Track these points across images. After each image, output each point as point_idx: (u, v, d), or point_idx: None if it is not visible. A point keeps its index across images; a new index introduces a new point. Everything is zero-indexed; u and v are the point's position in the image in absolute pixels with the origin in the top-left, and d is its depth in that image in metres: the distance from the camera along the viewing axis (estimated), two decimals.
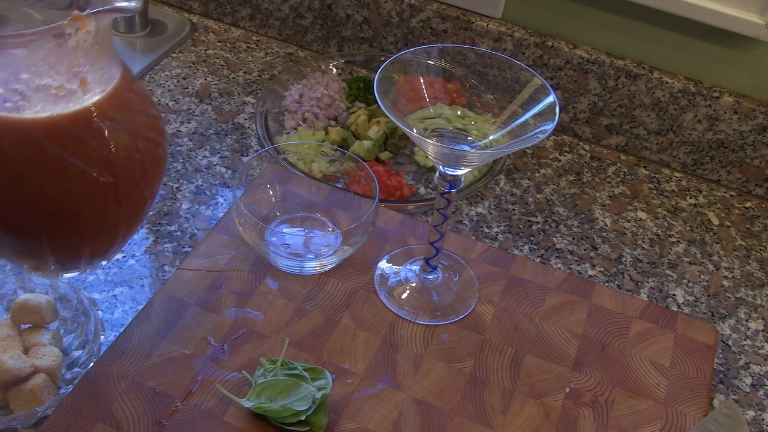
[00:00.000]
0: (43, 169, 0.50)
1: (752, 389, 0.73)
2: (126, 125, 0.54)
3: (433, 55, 0.66)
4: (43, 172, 0.50)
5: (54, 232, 0.53)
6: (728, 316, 0.80)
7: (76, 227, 0.54)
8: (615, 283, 0.81)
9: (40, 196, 0.50)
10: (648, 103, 0.94)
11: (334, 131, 0.92)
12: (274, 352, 0.67)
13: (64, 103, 0.50)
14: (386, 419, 0.63)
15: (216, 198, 0.84)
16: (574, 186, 0.93)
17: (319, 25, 1.06)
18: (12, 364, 0.60)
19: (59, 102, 0.50)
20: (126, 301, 0.72)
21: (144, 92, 0.58)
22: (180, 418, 0.61)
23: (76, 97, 0.50)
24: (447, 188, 0.66)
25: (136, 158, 0.54)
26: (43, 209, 0.51)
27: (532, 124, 0.63)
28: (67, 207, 0.52)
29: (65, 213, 0.52)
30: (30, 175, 0.50)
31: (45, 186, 0.50)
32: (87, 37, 0.49)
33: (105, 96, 0.52)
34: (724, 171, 0.96)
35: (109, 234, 0.56)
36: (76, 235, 0.54)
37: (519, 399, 0.66)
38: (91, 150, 0.51)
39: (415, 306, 0.73)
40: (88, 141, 0.51)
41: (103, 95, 0.51)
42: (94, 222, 0.54)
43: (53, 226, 0.52)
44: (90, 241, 0.55)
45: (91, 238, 0.55)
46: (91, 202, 0.53)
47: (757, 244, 0.89)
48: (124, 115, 0.53)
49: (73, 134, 0.50)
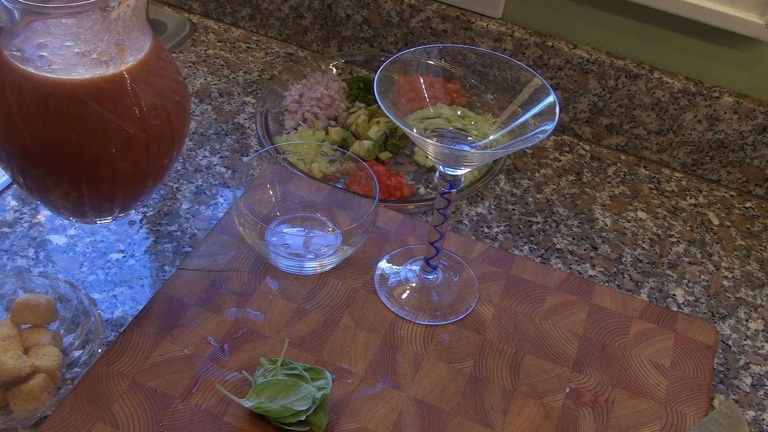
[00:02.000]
0: (84, 124, 0.57)
1: (752, 389, 0.73)
2: (155, 88, 0.60)
3: (433, 55, 0.66)
4: (84, 126, 0.57)
5: (92, 179, 0.60)
6: (728, 316, 0.80)
7: (111, 176, 0.61)
8: (615, 283, 0.81)
9: (82, 147, 0.58)
10: (648, 103, 0.94)
11: (334, 131, 0.92)
12: (274, 352, 0.67)
13: (105, 67, 0.57)
14: (386, 419, 0.63)
15: (216, 198, 0.84)
16: (574, 186, 0.93)
17: (319, 25, 1.06)
18: (12, 364, 0.60)
19: (100, 66, 0.56)
20: (126, 301, 0.72)
21: (171, 60, 0.64)
22: (180, 418, 0.62)
23: (115, 62, 0.57)
24: (447, 188, 0.66)
25: (164, 117, 0.61)
26: (84, 159, 0.58)
27: (532, 124, 0.63)
28: (104, 158, 0.59)
29: (102, 163, 0.59)
30: (74, 129, 0.57)
31: (86, 139, 0.57)
32: (127, 10, 0.56)
33: (138, 61, 0.58)
34: (724, 171, 0.96)
35: (139, 184, 0.64)
36: (111, 184, 0.61)
37: (519, 399, 0.66)
38: (126, 108, 0.58)
39: (415, 306, 0.73)
40: (124, 100, 0.58)
41: (137, 60, 0.58)
42: (126, 172, 0.61)
43: (92, 175, 0.60)
44: (122, 190, 0.63)
45: (124, 187, 0.62)
46: (124, 154, 0.59)
47: (757, 244, 0.89)
48: (154, 79, 0.60)
49: (111, 94, 0.57)
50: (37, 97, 0.56)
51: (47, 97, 0.56)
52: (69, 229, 0.78)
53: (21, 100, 0.57)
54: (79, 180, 0.60)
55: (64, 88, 0.56)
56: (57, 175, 0.60)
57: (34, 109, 0.57)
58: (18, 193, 0.80)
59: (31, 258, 0.74)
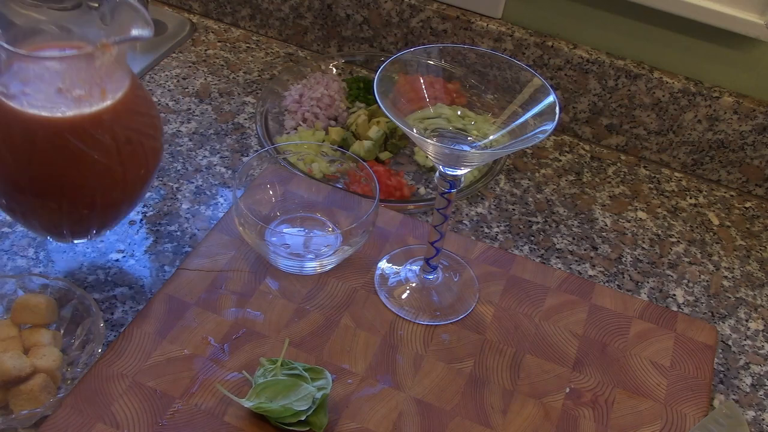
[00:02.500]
0: (66, 158, 0.62)
1: (752, 389, 0.73)
2: (132, 123, 0.65)
3: (433, 55, 0.66)
4: (66, 159, 0.62)
5: (72, 205, 0.65)
6: (728, 316, 0.80)
7: (90, 203, 0.66)
8: (615, 283, 0.81)
9: (64, 178, 0.63)
10: (648, 103, 0.94)
11: (334, 131, 0.92)
12: (274, 352, 0.67)
13: (87, 106, 0.62)
14: (386, 419, 0.63)
15: (216, 198, 0.84)
16: (574, 186, 0.93)
17: (319, 25, 1.06)
18: (12, 364, 0.60)
19: (82, 105, 0.61)
20: (126, 301, 0.72)
21: (147, 95, 0.69)
22: (180, 418, 0.62)
23: (96, 102, 0.62)
24: (447, 188, 0.66)
25: (139, 150, 0.66)
26: (65, 188, 0.63)
27: (532, 124, 0.63)
28: (83, 187, 0.64)
29: (81, 191, 0.64)
30: (57, 162, 0.62)
31: (67, 170, 0.62)
32: (110, 58, 0.61)
33: (117, 100, 0.63)
34: (724, 171, 0.96)
35: (115, 209, 0.69)
36: (89, 210, 0.66)
37: (519, 399, 0.66)
38: (105, 143, 0.63)
39: (415, 306, 0.73)
40: (103, 136, 0.62)
41: (116, 100, 0.63)
42: (104, 199, 0.66)
43: (71, 202, 0.65)
44: (99, 215, 0.68)
45: (100, 213, 0.68)
46: (101, 184, 0.65)
47: (757, 244, 0.89)
48: (130, 116, 0.65)
49: (91, 131, 0.62)
50: (23, 132, 0.61)
51: (33, 133, 0.61)
52: None
53: (7, 134, 0.62)
54: (60, 206, 0.65)
55: (49, 125, 0.61)
56: (40, 200, 0.64)
57: (20, 143, 0.62)
58: None
59: (31, 258, 0.74)
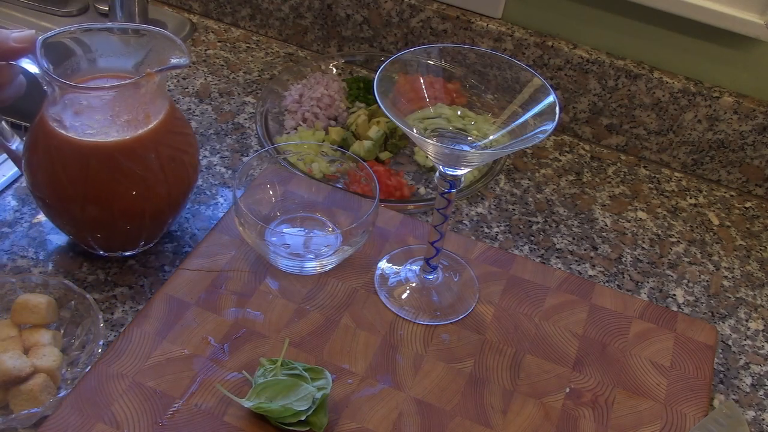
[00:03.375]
0: (117, 177, 0.67)
1: (752, 389, 0.73)
2: (173, 143, 0.71)
3: (433, 55, 0.66)
4: (117, 179, 0.67)
5: (124, 221, 0.70)
6: (728, 316, 0.80)
7: (140, 218, 0.70)
8: (615, 283, 0.81)
9: (116, 196, 0.68)
10: (648, 103, 0.94)
11: (334, 131, 0.92)
12: (274, 352, 0.67)
13: (133, 130, 0.67)
14: (386, 419, 0.63)
15: (216, 198, 0.84)
16: (574, 186, 0.93)
17: (319, 25, 1.06)
18: (12, 364, 0.60)
19: (129, 129, 0.67)
20: (126, 301, 0.72)
21: (182, 117, 0.75)
22: (180, 418, 0.61)
23: (142, 125, 0.68)
24: (447, 188, 0.66)
25: (180, 166, 0.71)
26: (117, 204, 0.68)
27: (532, 124, 0.63)
28: (133, 203, 0.69)
29: (132, 207, 0.69)
30: (110, 182, 0.67)
31: (119, 188, 0.68)
32: (153, 85, 0.67)
33: (159, 122, 0.69)
34: (724, 171, 0.96)
35: (161, 222, 0.74)
36: (139, 224, 0.71)
37: (519, 399, 0.66)
38: (151, 162, 0.69)
39: (415, 306, 0.73)
40: (149, 155, 0.68)
41: (158, 122, 0.69)
42: (151, 212, 0.71)
43: (123, 217, 0.70)
44: (147, 227, 0.72)
45: (149, 225, 0.72)
46: (149, 198, 0.70)
47: (757, 244, 0.89)
48: (171, 136, 0.71)
49: (138, 152, 0.68)
50: (77, 156, 0.66)
51: (87, 157, 0.66)
52: None
53: (62, 159, 0.67)
54: (113, 222, 0.70)
55: (102, 149, 0.66)
56: (93, 217, 0.69)
57: (74, 166, 0.67)
58: (18, 193, 0.81)
59: (31, 258, 0.74)
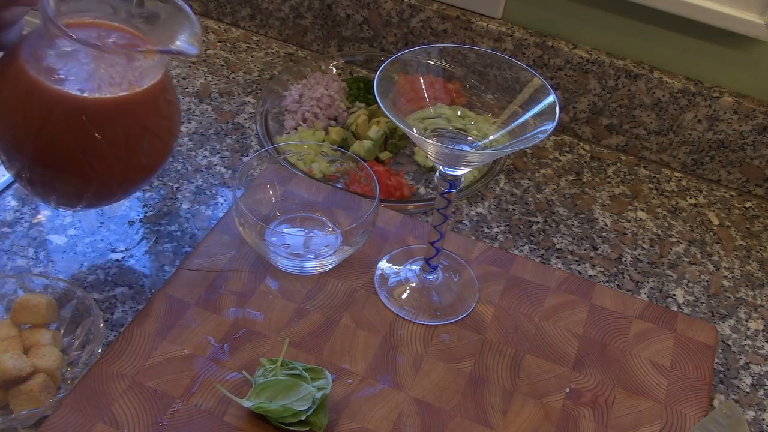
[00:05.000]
0: (75, 135, 0.63)
1: (752, 389, 0.73)
2: (147, 121, 0.67)
3: (433, 55, 0.66)
4: (74, 137, 0.63)
5: (68, 178, 0.66)
6: (728, 316, 0.80)
7: (85, 182, 0.66)
8: (615, 283, 0.81)
9: (67, 153, 0.64)
10: (648, 103, 0.94)
11: (334, 131, 0.92)
12: (274, 352, 0.67)
13: (109, 94, 0.64)
14: (386, 419, 0.63)
15: (216, 198, 0.84)
16: (574, 186, 0.93)
17: (319, 25, 1.06)
18: (12, 364, 0.60)
19: (106, 92, 0.63)
20: (126, 301, 0.72)
21: (172, 98, 0.71)
22: (180, 418, 0.62)
23: (121, 92, 0.64)
24: (447, 188, 0.66)
25: (146, 146, 0.67)
26: (66, 162, 0.65)
27: (532, 124, 0.63)
28: (82, 165, 0.65)
29: (80, 169, 0.65)
30: (64, 137, 0.63)
31: (72, 147, 0.64)
32: (150, 62, 0.65)
33: (140, 93, 0.65)
34: (724, 171, 0.96)
35: (108, 193, 0.70)
36: (84, 187, 0.67)
37: (519, 399, 0.66)
38: (115, 132, 0.64)
39: (415, 306, 0.73)
40: (115, 125, 0.64)
41: (139, 92, 0.65)
42: (98, 185, 0.67)
43: (70, 174, 0.66)
44: (91, 194, 0.68)
45: (94, 192, 0.68)
46: (101, 166, 0.65)
47: (757, 244, 0.89)
48: (149, 114, 0.67)
49: (107, 116, 0.64)
50: (41, 103, 0.62)
51: (51, 106, 0.62)
52: (69, 229, 0.78)
53: (26, 102, 0.63)
54: (58, 177, 0.66)
55: (68, 102, 0.62)
56: (39, 168, 0.65)
57: (35, 113, 0.63)
58: (18, 193, 0.81)
59: (31, 258, 0.74)
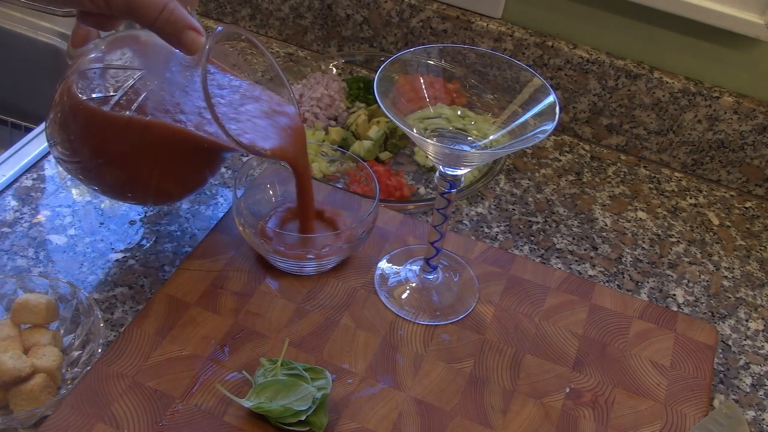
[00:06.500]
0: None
1: (752, 389, 0.73)
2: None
3: (433, 55, 0.66)
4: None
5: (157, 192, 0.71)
6: (728, 316, 0.80)
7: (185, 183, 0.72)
8: (615, 283, 0.81)
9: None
10: (648, 103, 0.94)
11: (334, 131, 0.92)
12: (274, 352, 0.67)
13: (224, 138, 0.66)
14: (386, 419, 0.63)
15: (216, 198, 0.84)
16: (574, 186, 0.93)
17: (319, 25, 1.06)
18: (12, 364, 0.60)
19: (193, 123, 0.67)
20: (126, 301, 0.72)
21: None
22: (180, 418, 0.61)
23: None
24: (447, 188, 0.66)
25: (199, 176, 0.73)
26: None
27: (532, 124, 0.63)
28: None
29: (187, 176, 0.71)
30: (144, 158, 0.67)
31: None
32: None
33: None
34: (724, 171, 0.96)
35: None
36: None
37: (519, 399, 0.66)
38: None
39: (415, 306, 0.73)
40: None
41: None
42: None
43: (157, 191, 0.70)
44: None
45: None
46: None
47: (757, 244, 0.89)
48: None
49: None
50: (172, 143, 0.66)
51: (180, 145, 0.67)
52: (69, 229, 0.78)
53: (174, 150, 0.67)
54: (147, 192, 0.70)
55: (188, 139, 0.66)
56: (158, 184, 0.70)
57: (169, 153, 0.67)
58: (18, 193, 0.81)
59: (31, 258, 0.74)
